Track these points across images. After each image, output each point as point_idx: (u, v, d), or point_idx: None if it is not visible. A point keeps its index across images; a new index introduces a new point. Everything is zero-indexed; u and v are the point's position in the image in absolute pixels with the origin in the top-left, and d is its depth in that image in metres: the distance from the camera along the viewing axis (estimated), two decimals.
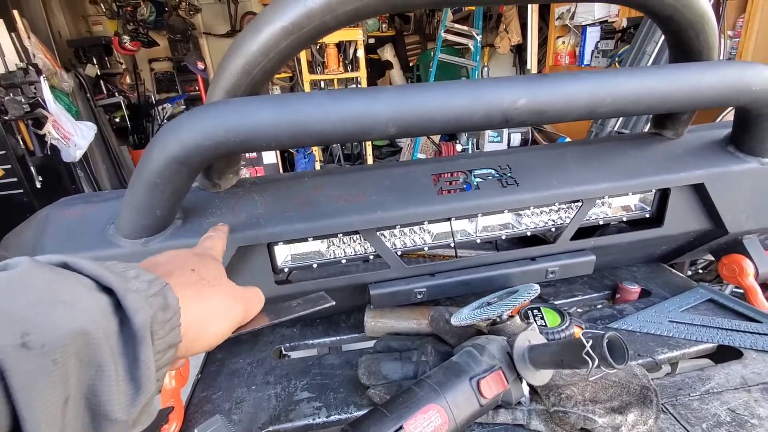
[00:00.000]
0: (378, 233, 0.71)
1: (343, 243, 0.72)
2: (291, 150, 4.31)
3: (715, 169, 0.73)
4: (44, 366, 0.23)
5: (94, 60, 4.67)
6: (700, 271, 2.22)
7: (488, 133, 3.96)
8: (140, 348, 0.28)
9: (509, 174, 0.71)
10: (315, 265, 0.71)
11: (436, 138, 4.41)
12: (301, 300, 0.48)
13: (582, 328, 0.73)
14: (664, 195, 0.77)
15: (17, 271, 0.26)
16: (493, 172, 0.72)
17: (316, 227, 0.65)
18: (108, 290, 0.29)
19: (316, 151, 4.13)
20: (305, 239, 0.68)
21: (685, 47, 0.63)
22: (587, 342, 0.47)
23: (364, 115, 0.50)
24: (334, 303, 0.47)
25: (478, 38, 4.12)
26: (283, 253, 0.71)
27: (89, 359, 0.26)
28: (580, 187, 0.71)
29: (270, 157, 4.12)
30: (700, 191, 0.76)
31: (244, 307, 0.43)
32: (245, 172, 3.97)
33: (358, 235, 0.71)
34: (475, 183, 0.70)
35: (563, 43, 3.65)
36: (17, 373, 0.23)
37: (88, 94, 4.12)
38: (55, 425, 0.24)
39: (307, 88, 3.75)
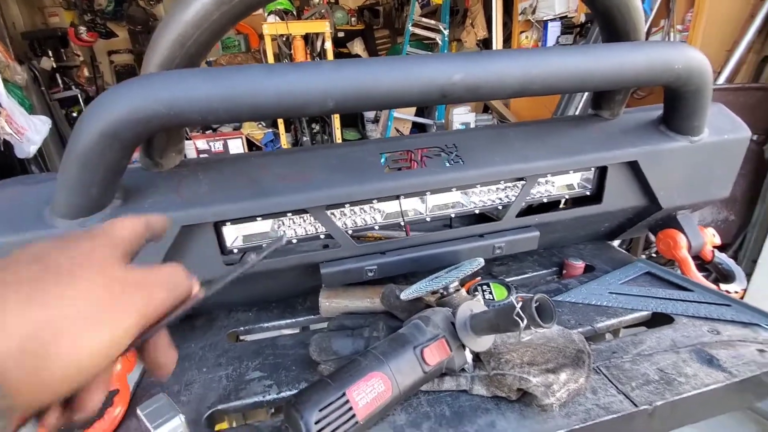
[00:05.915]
0: (328, 212, 0.71)
1: (294, 223, 0.72)
2: (259, 145, 4.24)
3: (648, 147, 0.78)
4: None
5: (50, 52, 4.45)
6: (654, 255, 2.34)
7: (456, 124, 4.01)
8: None
9: (455, 153, 0.73)
10: (264, 245, 0.71)
11: (407, 130, 4.43)
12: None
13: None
14: (602, 173, 0.81)
15: None
16: (439, 150, 0.74)
17: (263, 206, 0.65)
18: None
19: (285, 144, 4.08)
20: (254, 219, 0.68)
21: (612, 28, 0.67)
22: (517, 304, 0.50)
23: (301, 89, 0.51)
24: (259, 259, 0.41)
25: (446, 32, 4.16)
26: (233, 234, 0.71)
27: None
28: (523, 165, 0.73)
29: (237, 149, 4.06)
30: (634, 169, 0.80)
31: (145, 299, 0.29)
32: None
33: (308, 215, 0.72)
34: (422, 161, 0.71)
35: (527, 37, 3.73)
36: None
37: (43, 88, 3.93)
38: None
39: None
